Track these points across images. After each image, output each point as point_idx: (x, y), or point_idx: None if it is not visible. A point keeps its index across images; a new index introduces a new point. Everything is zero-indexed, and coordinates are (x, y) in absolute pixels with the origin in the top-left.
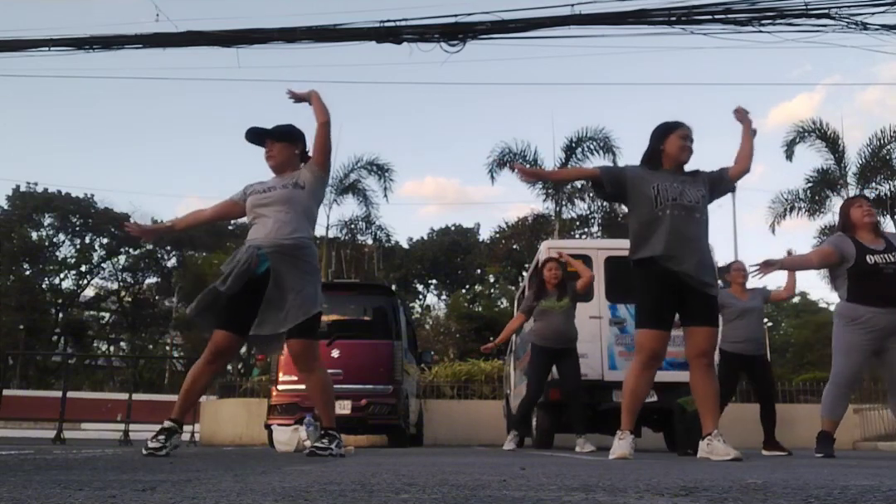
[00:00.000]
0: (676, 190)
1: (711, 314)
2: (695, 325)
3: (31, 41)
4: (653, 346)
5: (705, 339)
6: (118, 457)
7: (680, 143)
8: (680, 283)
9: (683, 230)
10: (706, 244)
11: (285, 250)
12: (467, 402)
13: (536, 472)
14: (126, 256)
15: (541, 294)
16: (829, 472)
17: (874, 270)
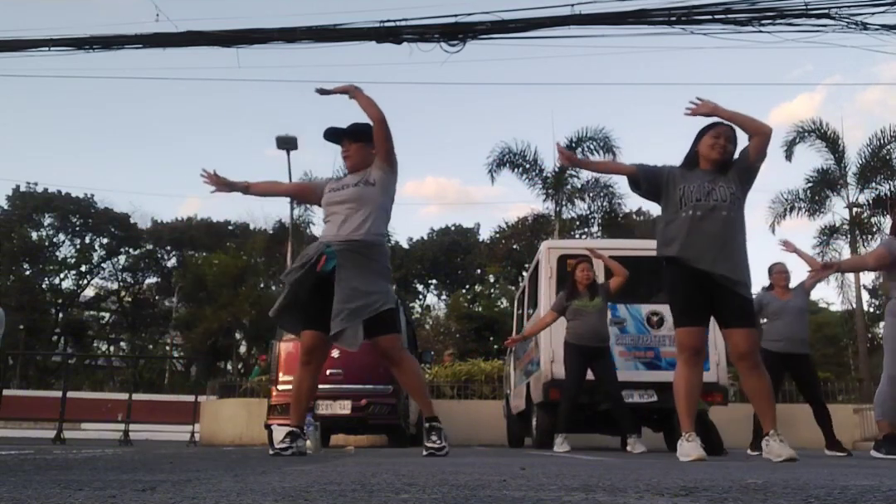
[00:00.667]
0: (703, 190)
1: (747, 315)
2: (731, 328)
3: (31, 41)
4: (691, 342)
5: (744, 341)
6: (118, 457)
7: (710, 142)
8: (710, 281)
9: (704, 229)
10: (735, 242)
11: (354, 247)
12: (467, 402)
13: (536, 472)
14: (126, 256)
15: (573, 294)
16: (829, 472)
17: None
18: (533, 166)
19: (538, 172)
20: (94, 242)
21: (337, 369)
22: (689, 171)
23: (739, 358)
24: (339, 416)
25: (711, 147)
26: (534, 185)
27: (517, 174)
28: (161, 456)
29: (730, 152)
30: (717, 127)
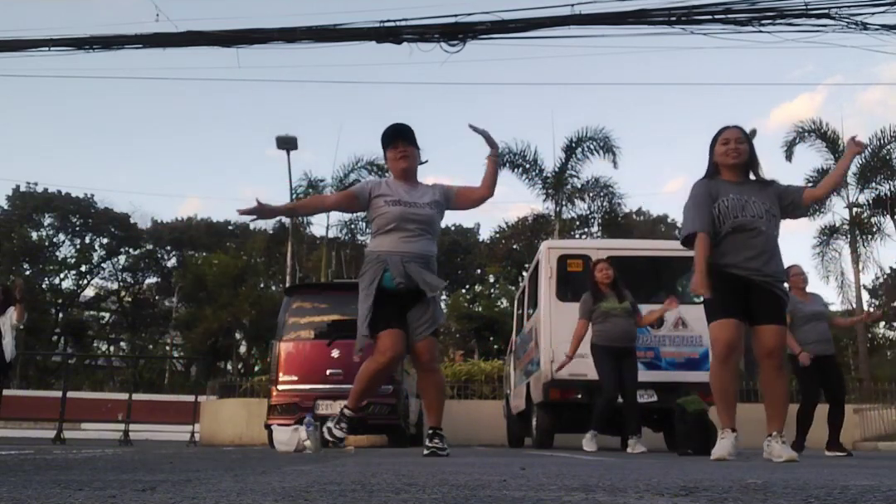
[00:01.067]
0: (738, 204)
1: (778, 312)
2: (762, 324)
3: (31, 41)
4: (725, 336)
5: (772, 337)
6: (118, 457)
7: (721, 149)
8: (746, 280)
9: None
10: (772, 251)
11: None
12: (467, 402)
13: (536, 472)
14: (126, 256)
15: (598, 296)
16: (829, 472)
17: None
18: (533, 166)
19: (538, 172)
20: (94, 242)
21: (337, 369)
22: (721, 184)
23: (768, 355)
24: None
25: (724, 154)
26: (534, 185)
27: (517, 174)
28: (161, 456)
29: (743, 152)
30: (724, 132)
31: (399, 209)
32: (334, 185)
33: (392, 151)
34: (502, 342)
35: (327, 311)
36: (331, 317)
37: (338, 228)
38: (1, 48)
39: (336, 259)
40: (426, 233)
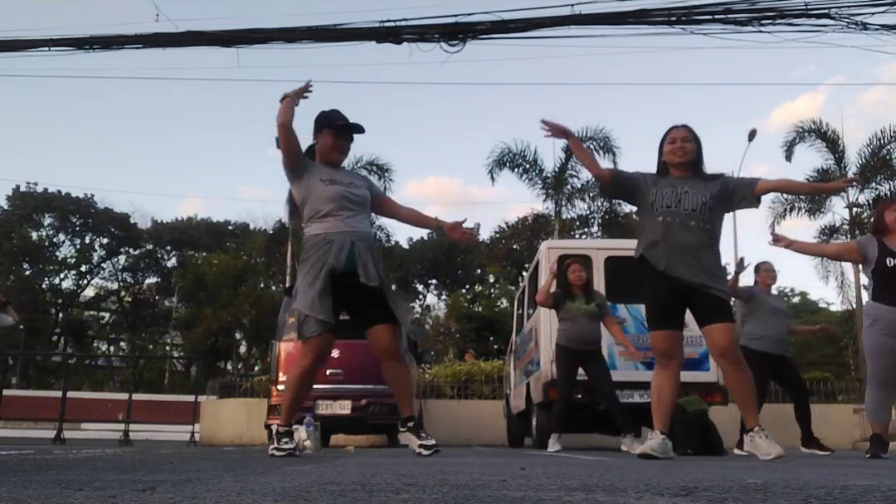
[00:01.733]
0: (674, 197)
1: (723, 311)
2: (710, 324)
3: (31, 41)
4: (661, 346)
5: (723, 335)
6: (118, 457)
7: (669, 147)
8: (684, 284)
9: (675, 237)
10: (708, 250)
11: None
12: (467, 402)
13: (536, 472)
14: (126, 256)
15: (568, 294)
16: (829, 472)
17: (893, 272)
18: (533, 166)
19: (538, 172)
20: (94, 242)
21: (337, 369)
22: (662, 178)
23: (721, 353)
24: (339, 416)
25: (671, 152)
26: (534, 185)
27: (517, 174)
28: (161, 456)
29: (690, 150)
30: (672, 131)
31: (337, 188)
32: None
33: (335, 141)
34: (502, 342)
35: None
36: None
37: None
38: (1, 48)
39: None
40: (364, 214)
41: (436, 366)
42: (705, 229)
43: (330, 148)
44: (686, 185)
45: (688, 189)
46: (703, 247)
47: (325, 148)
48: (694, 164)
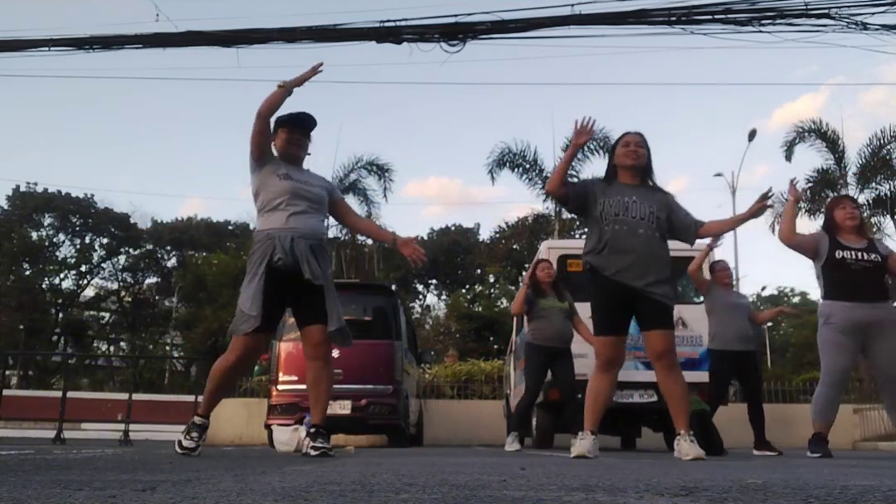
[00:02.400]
0: (622, 205)
1: (664, 318)
2: (649, 330)
3: (31, 41)
4: (606, 352)
5: (660, 341)
6: (118, 457)
7: (623, 150)
8: (630, 290)
9: (622, 244)
10: (655, 257)
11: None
12: (467, 402)
13: (536, 472)
14: (126, 256)
15: (539, 293)
16: (829, 472)
17: (842, 265)
18: (533, 166)
19: (538, 172)
20: (94, 242)
21: (337, 369)
22: (610, 185)
23: (658, 357)
24: (339, 416)
25: (625, 155)
26: (534, 185)
27: (517, 174)
28: (161, 456)
29: (642, 156)
30: (626, 136)
31: (289, 184)
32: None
33: (289, 135)
34: (502, 342)
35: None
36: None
37: (338, 228)
38: (1, 48)
39: (336, 259)
40: (317, 211)
41: (436, 366)
42: (654, 237)
43: (285, 142)
44: (634, 194)
45: (636, 198)
46: (649, 254)
47: (282, 143)
48: (644, 171)
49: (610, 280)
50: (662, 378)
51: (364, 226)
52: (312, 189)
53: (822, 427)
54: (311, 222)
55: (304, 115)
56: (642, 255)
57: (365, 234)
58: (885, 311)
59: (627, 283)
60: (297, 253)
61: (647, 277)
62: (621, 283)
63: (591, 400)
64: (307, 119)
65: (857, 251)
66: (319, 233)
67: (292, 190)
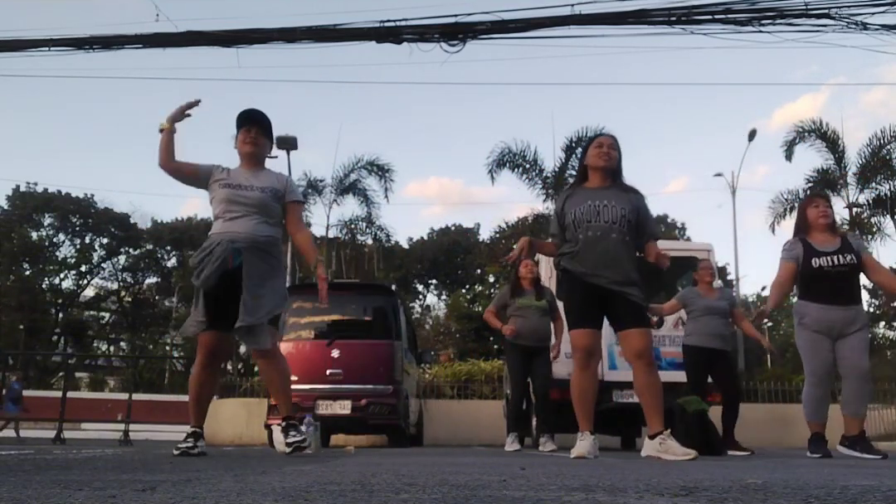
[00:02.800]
0: (593, 211)
1: (639, 316)
2: (625, 329)
3: (31, 41)
4: (582, 341)
5: (638, 340)
6: (118, 457)
7: (595, 151)
8: (602, 290)
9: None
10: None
11: (260, 245)
12: (467, 402)
13: (536, 472)
14: (126, 256)
15: (517, 291)
16: (829, 472)
17: (819, 273)
18: (533, 166)
19: (538, 172)
20: (94, 242)
21: (337, 369)
22: (578, 192)
23: (637, 356)
24: (339, 416)
25: (598, 156)
26: (534, 185)
27: (517, 174)
28: (161, 456)
29: (614, 158)
30: (598, 137)
31: (226, 191)
32: (334, 185)
33: (243, 134)
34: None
35: (327, 311)
36: (331, 317)
37: (338, 228)
38: (1, 48)
39: (336, 259)
40: (256, 214)
41: (435, 366)
42: (624, 240)
43: (238, 142)
44: (605, 198)
45: (606, 202)
46: (621, 256)
47: (237, 145)
48: (614, 173)
49: (582, 281)
50: (642, 377)
51: (298, 239)
52: (249, 194)
53: (818, 426)
54: (248, 225)
55: (250, 111)
56: (613, 259)
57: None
58: (855, 311)
59: (600, 284)
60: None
61: (619, 279)
62: (594, 284)
63: (577, 400)
64: (253, 114)
65: (831, 255)
66: (259, 234)
67: (226, 198)
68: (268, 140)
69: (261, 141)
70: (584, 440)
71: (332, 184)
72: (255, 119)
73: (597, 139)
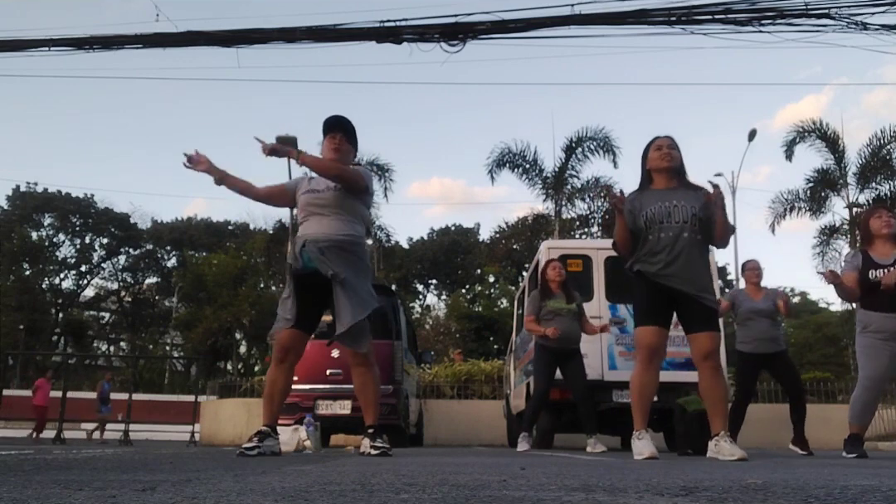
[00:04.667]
0: (664, 211)
1: (709, 319)
2: (695, 332)
3: (31, 41)
4: (649, 341)
5: (706, 343)
6: (118, 457)
7: (656, 154)
8: (676, 293)
9: (668, 250)
10: (699, 260)
11: (341, 244)
12: (467, 402)
13: (536, 472)
14: (126, 256)
15: (546, 294)
16: (829, 472)
17: (876, 284)
18: (533, 166)
19: (538, 172)
20: (94, 242)
21: (337, 369)
22: (646, 194)
23: (704, 358)
24: (339, 416)
25: (660, 158)
26: (534, 185)
27: (517, 174)
28: (161, 456)
29: (677, 158)
30: (656, 140)
31: (305, 196)
32: None
33: (328, 140)
34: (502, 342)
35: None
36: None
37: None
38: (1, 48)
39: None
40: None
41: (436, 366)
42: (696, 240)
43: (325, 149)
44: (674, 198)
45: (676, 202)
46: (694, 257)
47: (323, 151)
48: (678, 172)
49: (655, 283)
50: (706, 379)
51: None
52: (325, 195)
53: (859, 429)
54: (322, 224)
55: (335, 117)
56: (686, 260)
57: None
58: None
59: (673, 286)
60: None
61: (692, 280)
62: (667, 286)
63: (637, 397)
64: (338, 120)
65: (888, 268)
66: (332, 233)
67: (304, 203)
68: (351, 146)
69: (344, 147)
70: (643, 439)
71: None
72: (340, 125)
73: (655, 142)
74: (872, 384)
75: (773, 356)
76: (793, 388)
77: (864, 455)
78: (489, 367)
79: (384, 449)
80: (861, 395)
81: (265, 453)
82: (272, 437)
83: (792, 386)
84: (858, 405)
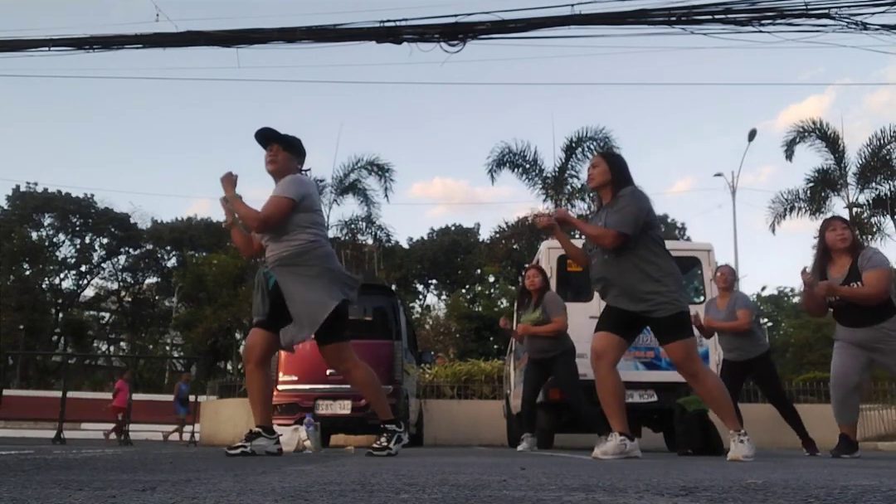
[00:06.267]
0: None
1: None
2: (663, 344)
3: (31, 41)
4: (594, 345)
5: (674, 353)
6: (118, 457)
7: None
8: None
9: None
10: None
11: (284, 262)
12: (467, 402)
13: (536, 472)
14: (126, 256)
15: (522, 304)
16: (829, 472)
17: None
18: (533, 166)
19: (538, 172)
20: (94, 242)
21: None
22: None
23: (680, 368)
24: (339, 416)
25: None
26: (534, 185)
27: (517, 174)
28: (161, 456)
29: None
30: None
31: None
32: (334, 184)
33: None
34: (502, 342)
35: None
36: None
37: (338, 228)
38: (1, 48)
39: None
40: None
41: (435, 366)
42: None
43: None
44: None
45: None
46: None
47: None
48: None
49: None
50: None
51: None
52: None
53: (846, 429)
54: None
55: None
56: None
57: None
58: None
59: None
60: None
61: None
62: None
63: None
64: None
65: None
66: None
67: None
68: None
69: (280, 156)
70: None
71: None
72: (272, 137)
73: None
74: (836, 381)
75: (750, 363)
76: (772, 398)
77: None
78: (489, 367)
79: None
80: (832, 395)
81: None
82: (264, 436)
83: (771, 396)
84: (834, 406)
